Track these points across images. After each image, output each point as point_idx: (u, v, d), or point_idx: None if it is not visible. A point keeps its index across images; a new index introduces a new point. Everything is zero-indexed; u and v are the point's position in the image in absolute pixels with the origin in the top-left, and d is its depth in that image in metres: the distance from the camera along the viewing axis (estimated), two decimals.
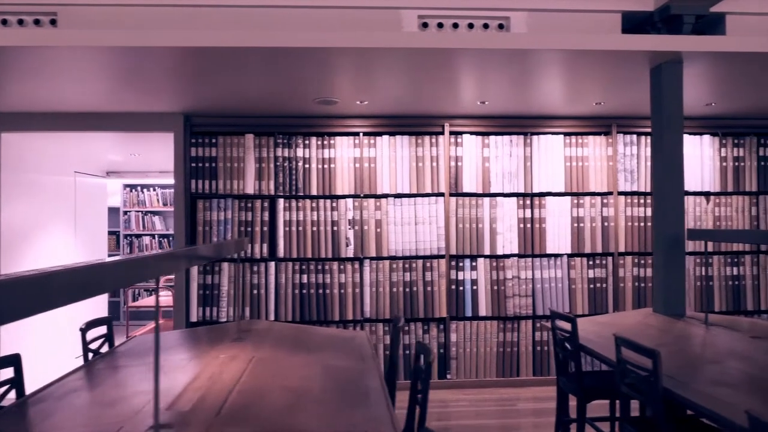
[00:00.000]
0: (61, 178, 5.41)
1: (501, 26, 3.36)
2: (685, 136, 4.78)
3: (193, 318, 4.47)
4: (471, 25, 3.35)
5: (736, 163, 4.83)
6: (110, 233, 7.66)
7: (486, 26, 3.36)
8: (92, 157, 6.03)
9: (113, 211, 7.71)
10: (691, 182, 4.78)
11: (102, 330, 3.08)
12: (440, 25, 3.34)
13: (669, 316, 3.42)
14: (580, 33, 3.35)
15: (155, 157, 6.07)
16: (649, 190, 4.75)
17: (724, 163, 4.82)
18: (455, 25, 3.34)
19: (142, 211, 7.85)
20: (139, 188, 7.80)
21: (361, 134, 4.60)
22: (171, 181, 4.97)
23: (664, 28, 3.40)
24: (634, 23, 3.43)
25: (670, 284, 3.44)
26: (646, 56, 3.38)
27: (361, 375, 2.38)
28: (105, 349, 2.99)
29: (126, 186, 7.59)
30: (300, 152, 4.56)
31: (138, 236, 7.87)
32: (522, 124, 4.69)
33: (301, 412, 1.85)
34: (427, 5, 3.30)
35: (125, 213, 7.65)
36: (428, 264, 4.58)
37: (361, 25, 3.29)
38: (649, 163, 4.76)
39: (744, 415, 1.57)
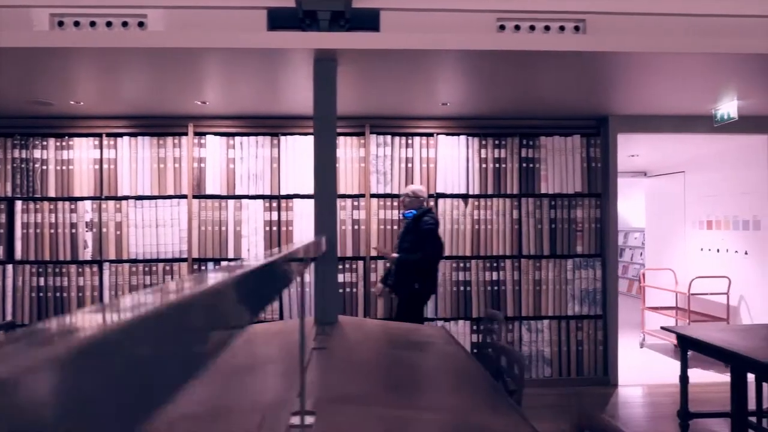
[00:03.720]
0: None
1: (141, 24, 3.27)
2: (444, 137, 4.67)
3: None
4: (109, 23, 3.25)
5: (498, 165, 4.68)
6: None
7: (125, 24, 3.26)
8: None
9: None
10: (448, 184, 4.64)
11: None
12: (77, 24, 3.25)
13: (324, 324, 3.30)
14: (222, 30, 3.24)
15: None
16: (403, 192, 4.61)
17: (485, 165, 4.67)
18: (92, 24, 3.25)
19: None
20: None
21: (103, 135, 4.52)
22: None
23: (314, 24, 3.29)
24: (281, 20, 3.31)
25: (322, 291, 3.32)
26: (300, 54, 3.28)
27: None
28: None
29: None
30: (37, 153, 4.49)
31: None
32: (271, 125, 4.58)
33: None
34: (60, 4, 3.22)
35: None
36: (169, 267, 4.50)
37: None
38: (402, 165, 4.63)
39: None
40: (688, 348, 3.54)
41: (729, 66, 3.57)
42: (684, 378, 3.57)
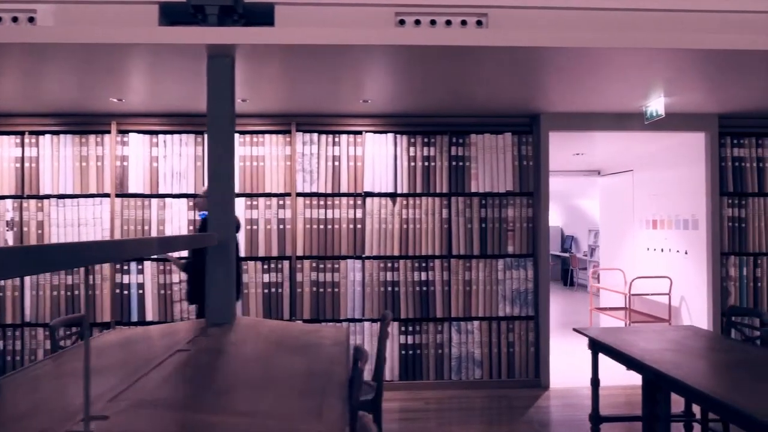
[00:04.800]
0: None
1: (31, 19, 3.21)
2: (371, 135, 4.59)
3: None
4: None
5: (427, 163, 4.60)
6: None
7: (15, 20, 3.20)
8: None
9: None
10: (376, 183, 4.56)
11: None
12: None
13: (215, 324, 3.24)
14: (113, 25, 3.18)
15: None
16: (330, 190, 4.54)
17: (414, 163, 4.60)
18: None
19: None
20: None
21: (26, 133, 4.47)
22: None
23: (206, 19, 3.22)
24: (173, 15, 3.24)
25: (215, 292, 3.26)
26: (194, 50, 3.22)
27: None
28: None
29: None
30: None
31: None
32: (195, 123, 4.51)
33: None
34: None
35: None
36: (91, 267, 4.44)
37: None
38: (329, 163, 4.56)
39: None
40: (598, 351, 3.46)
41: (650, 62, 3.48)
42: (595, 381, 3.49)
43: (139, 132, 4.50)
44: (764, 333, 3.10)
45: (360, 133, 4.59)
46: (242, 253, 4.45)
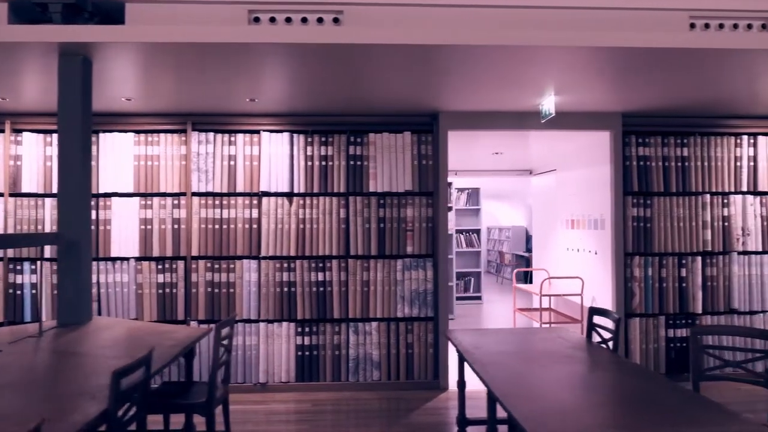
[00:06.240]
0: None
1: None
2: (268, 134, 4.56)
3: None
4: None
5: (324, 162, 4.56)
6: None
7: None
8: None
9: None
10: (273, 182, 4.52)
11: None
12: None
13: (66, 325, 3.23)
14: None
15: None
16: (225, 190, 4.51)
17: (311, 163, 4.55)
18: None
19: None
20: None
21: None
22: None
23: (59, 16, 3.19)
24: (24, 12, 3.21)
25: (69, 292, 3.24)
26: (45, 48, 3.19)
27: None
28: None
29: None
30: None
31: None
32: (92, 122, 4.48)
33: None
34: None
35: None
36: None
37: None
38: (225, 162, 4.52)
39: None
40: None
41: (533, 60, 3.40)
42: (461, 384, 3.44)
43: (33, 131, 4.48)
44: (613, 335, 3.05)
45: (257, 132, 4.55)
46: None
